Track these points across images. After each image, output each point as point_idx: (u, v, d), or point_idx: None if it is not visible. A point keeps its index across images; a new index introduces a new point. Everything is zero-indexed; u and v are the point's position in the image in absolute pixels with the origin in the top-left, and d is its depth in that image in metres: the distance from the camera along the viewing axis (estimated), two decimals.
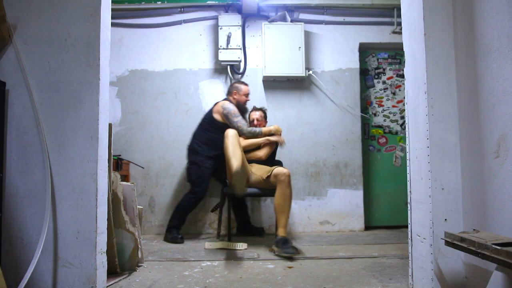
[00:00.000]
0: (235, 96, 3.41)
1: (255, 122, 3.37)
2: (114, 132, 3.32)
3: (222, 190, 3.35)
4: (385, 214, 4.02)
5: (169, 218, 3.36)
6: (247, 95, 3.44)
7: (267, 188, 3.00)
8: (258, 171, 3.08)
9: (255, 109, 3.49)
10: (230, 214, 3.39)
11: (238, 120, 3.22)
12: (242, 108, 3.42)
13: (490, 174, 1.43)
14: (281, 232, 2.72)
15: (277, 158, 3.54)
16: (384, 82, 4.14)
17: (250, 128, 3.22)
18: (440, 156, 1.64)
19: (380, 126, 4.11)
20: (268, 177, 2.90)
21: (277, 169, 2.88)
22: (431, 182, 1.62)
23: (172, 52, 3.89)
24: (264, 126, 3.39)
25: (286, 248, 2.58)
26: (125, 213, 2.21)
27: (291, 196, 2.86)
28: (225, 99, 3.41)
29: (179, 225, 3.28)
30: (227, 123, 3.24)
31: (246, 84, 3.50)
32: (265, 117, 3.48)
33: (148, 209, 3.74)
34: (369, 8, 3.94)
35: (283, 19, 3.87)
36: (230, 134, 2.96)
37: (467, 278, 1.59)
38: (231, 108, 3.26)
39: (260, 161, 3.24)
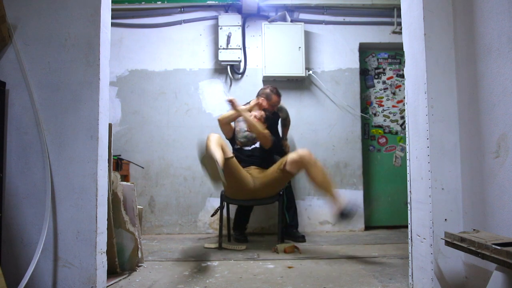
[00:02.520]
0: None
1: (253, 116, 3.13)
2: (114, 132, 3.32)
3: (221, 193, 3.12)
4: (385, 214, 4.02)
5: (168, 218, 3.32)
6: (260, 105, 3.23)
7: (282, 183, 2.91)
8: (264, 174, 2.92)
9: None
10: (229, 215, 3.39)
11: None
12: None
13: (490, 174, 1.43)
14: (341, 201, 2.61)
15: None
16: (384, 82, 4.14)
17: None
18: (440, 156, 1.64)
19: (380, 126, 4.10)
20: (285, 166, 2.78)
21: (296, 152, 2.79)
22: (431, 182, 1.62)
23: (172, 52, 3.89)
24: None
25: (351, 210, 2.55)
26: (125, 213, 2.21)
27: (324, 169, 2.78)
28: None
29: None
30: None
31: (259, 96, 3.29)
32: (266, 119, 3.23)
33: (148, 209, 3.73)
34: (369, 8, 3.94)
35: (283, 19, 3.87)
36: (212, 137, 2.66)
37: (467, 278, 1.59)
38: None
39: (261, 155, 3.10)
